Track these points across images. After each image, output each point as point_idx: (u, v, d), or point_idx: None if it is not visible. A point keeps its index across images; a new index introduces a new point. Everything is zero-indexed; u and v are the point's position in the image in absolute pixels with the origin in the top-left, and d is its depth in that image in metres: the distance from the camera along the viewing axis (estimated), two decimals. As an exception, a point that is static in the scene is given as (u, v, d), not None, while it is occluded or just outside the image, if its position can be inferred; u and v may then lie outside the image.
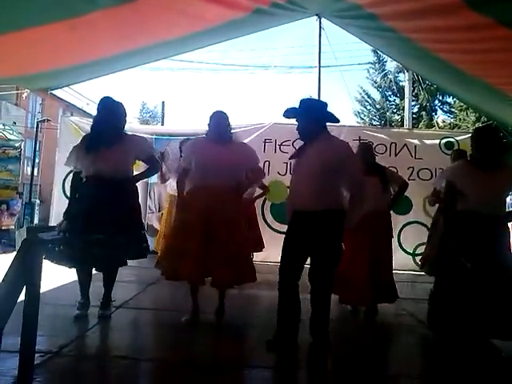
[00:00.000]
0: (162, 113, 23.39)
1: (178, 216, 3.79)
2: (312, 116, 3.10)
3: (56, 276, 4.86)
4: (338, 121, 3.27)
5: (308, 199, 3.01)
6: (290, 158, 3.53)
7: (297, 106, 3.17)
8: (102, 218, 3.39)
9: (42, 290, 1.89)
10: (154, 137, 7.72)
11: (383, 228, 4.24)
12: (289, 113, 3.21)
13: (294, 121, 3.23)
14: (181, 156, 5.38)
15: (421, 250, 7.16)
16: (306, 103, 3.22)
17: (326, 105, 3.24)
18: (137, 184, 3.82)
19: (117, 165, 3.52)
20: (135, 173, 3.80)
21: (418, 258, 7.14)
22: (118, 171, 3.52)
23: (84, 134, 4.01)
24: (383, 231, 4.24)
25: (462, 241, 3.12)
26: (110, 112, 3.59)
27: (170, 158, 5.55)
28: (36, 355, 2.03)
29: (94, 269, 3.69)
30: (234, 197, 3.67)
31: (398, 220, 7.13)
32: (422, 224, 7.20)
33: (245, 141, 4.77)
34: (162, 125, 18.34)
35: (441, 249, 3.60)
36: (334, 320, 4.19)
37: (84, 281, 3.68)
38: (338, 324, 4.09)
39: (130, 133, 3.92)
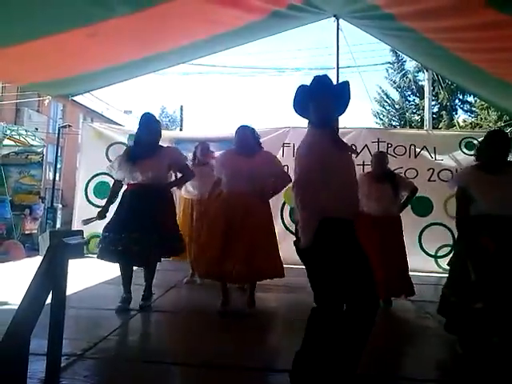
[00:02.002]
0: (181, 117, 23.57)
1: (210, 219, 4.13)
2: (346, 101, 2.46)
3: (79, 280, 4.95)
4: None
5: (357, 203, 2.57)
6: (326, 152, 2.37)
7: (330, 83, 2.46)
8: (141, 220, 3.84)
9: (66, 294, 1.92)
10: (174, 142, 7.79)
11: (395, 229, 4.57)
12: (329, 88, 2.42)
13: None
14: (194, 159, 5.46)
15: (443, 251, 7.10)
16: (343, 85, 2.48)
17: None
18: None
19: (154, 173, 3.98)
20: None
21: (440, 261, 7.07)
22: (155, 179, 3.98)
23: (126, 147, 4.78)
24: (395, 231, 4.56)
25: (476, 244, 3.07)
26: (149, 127, 4.12)
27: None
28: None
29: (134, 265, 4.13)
30: (260, 201, 4.01)
31: (418, 222, 7.07)
32: (444, 225, 7.10)
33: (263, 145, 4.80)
34: (181, 129, 18.46)
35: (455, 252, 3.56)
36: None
37: (126, 276, 4.06)
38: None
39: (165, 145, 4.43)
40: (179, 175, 4.40)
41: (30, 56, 5.07)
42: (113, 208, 4.22)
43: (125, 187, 4.19)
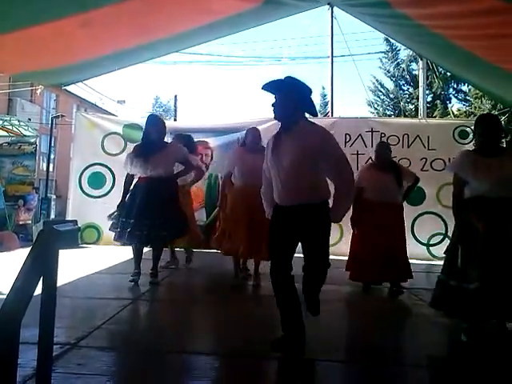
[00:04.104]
0: (175, 107, 23.48)
1: (227, 208, 4.84)
2: (295, 97, 2.76)
3: (73, 269, 4.96)
4: (316, 114, 3.11)
5: (290, 195, 2.76)
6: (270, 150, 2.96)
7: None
8: (153, 208, 4.48)
9: (58, 284, 1.92)
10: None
11: (397, 217, 4.71)
12: (269, 87, 2.81)
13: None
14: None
15: (435, 240, 7.15)
16: (292, 81, 2.82)
17: (311, 91, 2.88)
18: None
19: (163, 168, 4.61)
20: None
21: (432, 249, 7.13)
22: (164, 172, 4.61)
23: (135, 144, 5.11)
24: (397, 220, 4.70)
25: (471, 226, 3.10)
26: (155, 127, 4.71)
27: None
28: (54, 347, 2.07)
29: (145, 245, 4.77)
30: None
31: (411, 211, 7.07)
32: (436, 214, 7.15)
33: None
34: (175, 119, 18.37)
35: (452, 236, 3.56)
36: (347, 309, 4.24)
37: (137, 255, 4.74)
38: (349, 314, 4.11)
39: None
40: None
41: (22, 44, 5.02)
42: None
43: (136, 179, 4.79)
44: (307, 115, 2.87)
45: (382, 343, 3.12)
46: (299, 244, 2.83)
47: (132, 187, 4.77)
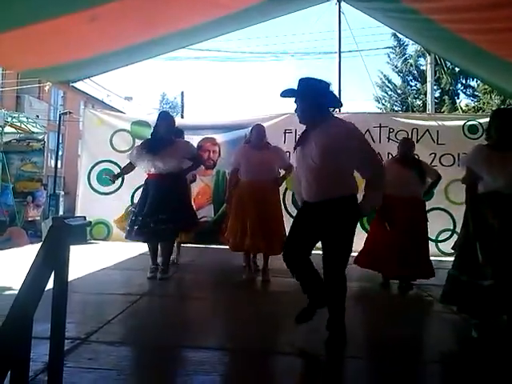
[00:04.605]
0: (182, 103, 23.46)
1: (234, 203, 4.92)
2: (311, 97, 2.81)
3: (83, 265, 4.98)
4: (340, 105, 3.18)
5: (316, 191, 2.82)
6: (294, 148, 3.21)
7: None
8: (160, 204, 4.56)
9: (69, 279, 1.92)
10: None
11: (420, 213, 4.73)
12: (287, 93, 2.89)
13: None
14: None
15: (444, 236, 7.11)
16: (305, 83, 2.86)
17: (328, 85, 2.89)
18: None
19: (173, 163, 4.66)
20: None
21: (440, 245, 7.08)
22: (173, 168, 4.66)
23: (143, 140, 5.16)
24: (420, 216, 4.72)
25: (486, 221, 3.06)
26: (165, 121, 4.77)
27: None
28: (65, 342, 2.08)
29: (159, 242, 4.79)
30: (272, 187, 4.83)
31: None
32: (445, 210, 7.11)
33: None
34: (182, 116, 18.35)
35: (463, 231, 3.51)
36: (357, 305, 4.23)
37: (153, 251, 4.82)
38: (359, 310, 4.10)
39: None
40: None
41: (30, 41, 5.02)
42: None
43: (145, 176, 4.87)
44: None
45: (391, 339, 3.10)
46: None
47: (144, 184, 4.87)
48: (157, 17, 5.28)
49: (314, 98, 2.81)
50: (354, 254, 4.92)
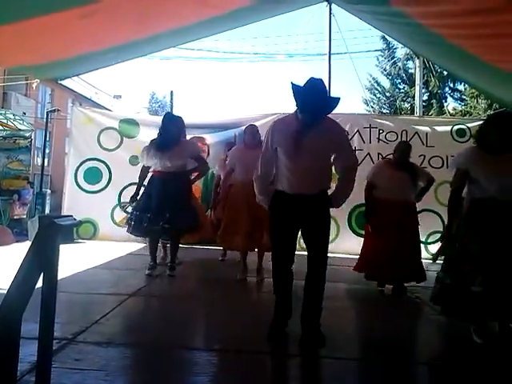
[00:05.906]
0: (171, 102, 23.32)
1: (228, 203, 4.95)
2: (332, 106, 2.92)
3: (70, 265, 4.93)
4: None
5: (315, 184, 2.95)
6: (293, 146, 3.04)
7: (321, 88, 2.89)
8: (169, 201, 4.68)
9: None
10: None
11: (411, 216, 4.70)
12: (334, 102, 2.92)
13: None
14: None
15: (433, 238, 7.15)
16: (324, 86, 2.93)
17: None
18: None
19: (180, 162, 4.83)
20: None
21: (429, 247, 7.11)
22: (179, 167, 4.83)
23: (150, 140, 5.16)
24: (411, 219, 4.69)
25: (481, 229, 3.06)
26: (175, 124, 4.91)
27: None
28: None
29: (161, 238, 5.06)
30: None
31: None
32: (434, 212, 7.15)
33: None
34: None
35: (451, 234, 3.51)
36: (346, 306, 4.24)
37: (153, 248, 4.99)
38: (346, 311, 4.12)
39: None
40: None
41: (18, 38, 4.97)
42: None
43: (150, 173, 5.01)
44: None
45: (380, 340, 3.13)
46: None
47: (147, 180, 4.99)
48: (147, 16, 5.26)
49: (333, 106, 2.95)
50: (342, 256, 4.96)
